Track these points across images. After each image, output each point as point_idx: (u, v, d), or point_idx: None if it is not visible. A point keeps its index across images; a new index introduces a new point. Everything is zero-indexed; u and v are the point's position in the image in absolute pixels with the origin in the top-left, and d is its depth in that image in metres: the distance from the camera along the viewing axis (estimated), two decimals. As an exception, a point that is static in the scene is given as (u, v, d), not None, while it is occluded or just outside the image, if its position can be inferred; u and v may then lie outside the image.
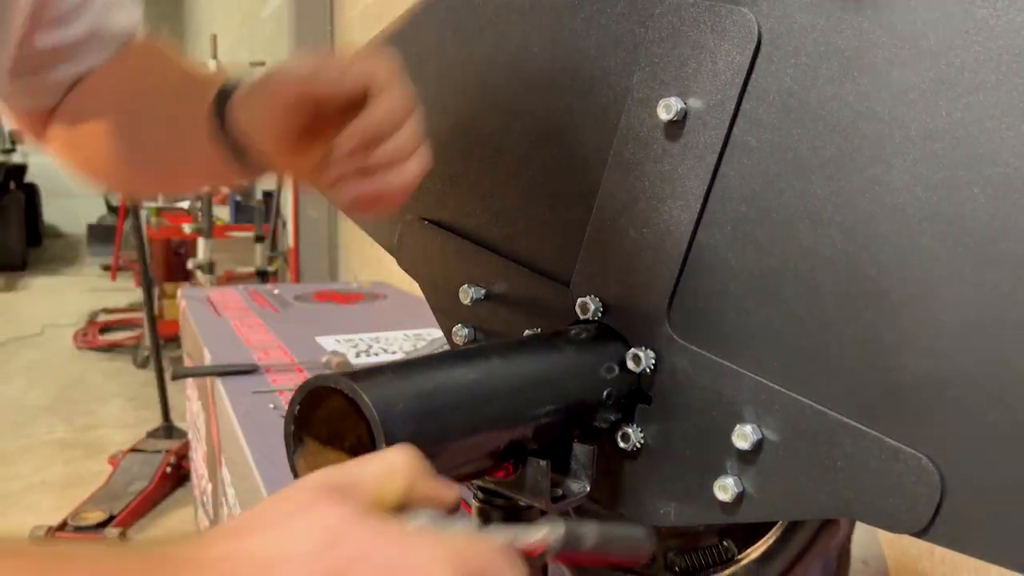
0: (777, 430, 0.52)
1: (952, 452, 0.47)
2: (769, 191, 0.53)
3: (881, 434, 0.49)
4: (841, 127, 0.50)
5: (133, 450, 3.07)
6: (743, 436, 0.52)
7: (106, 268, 7.18)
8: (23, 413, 3.90)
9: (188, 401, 2.50)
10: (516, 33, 0.64)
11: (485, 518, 0.60)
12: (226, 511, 1.70)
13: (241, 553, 0.34)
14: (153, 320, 3.18)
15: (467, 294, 0.66)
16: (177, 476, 2.96)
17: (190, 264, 3.82)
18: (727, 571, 0.57)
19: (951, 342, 0.47)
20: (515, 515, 0.59)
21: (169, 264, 4.74)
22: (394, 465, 0.39)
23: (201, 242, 3.81)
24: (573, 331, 0.59)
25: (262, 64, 3.41)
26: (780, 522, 0.56)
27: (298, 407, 0.45)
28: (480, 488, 0.59)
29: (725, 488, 0.53)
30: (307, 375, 1.68)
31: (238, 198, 4.40)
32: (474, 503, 0.61)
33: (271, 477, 1.36)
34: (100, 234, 8.03)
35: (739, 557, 0.57)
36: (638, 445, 0.57)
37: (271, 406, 1.62)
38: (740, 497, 0.53)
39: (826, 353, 0.51)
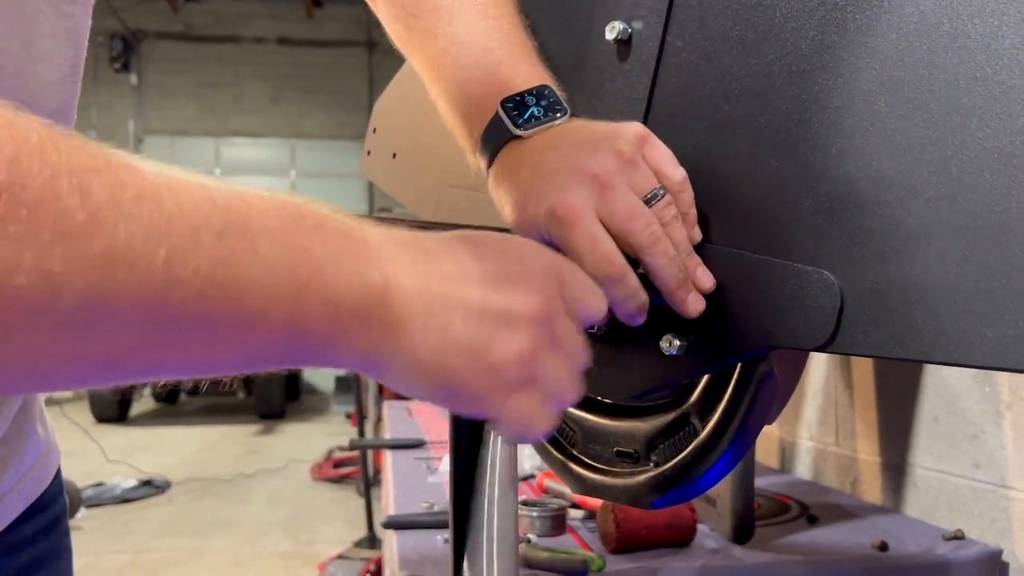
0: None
1: (845, 264, 0.49)
2: (694, 79, 0.60)
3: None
4: (742, 14, 0.57)
5: (339, 557, 3.27)
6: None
7: (348, 415, 7.86)
8: (259, 529, 4.30)
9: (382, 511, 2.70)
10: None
11: None
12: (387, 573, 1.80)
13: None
14: (363, 434, 3.46)
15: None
16: (376, 583, 3.11)
17: (403, 390, 4.16)
18: (695, 442, 0.59)
19: (839, 167, 0.50)
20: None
21: (398, 396, 5.14)
22: None
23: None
24: None
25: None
26: (728, 391, 0.58)
27: None
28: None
29: (671, 342, 0.57)
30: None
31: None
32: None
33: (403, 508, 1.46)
34: (345, 384, 8.84)
35: (700, 429, 0.59)
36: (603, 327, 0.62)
37: (424, 467, 1.74)
38: (684, 349, 0.57)
39: (746, 203, 0.55)
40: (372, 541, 3.39)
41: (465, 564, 0.58)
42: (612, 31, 0.64)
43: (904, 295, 0.47)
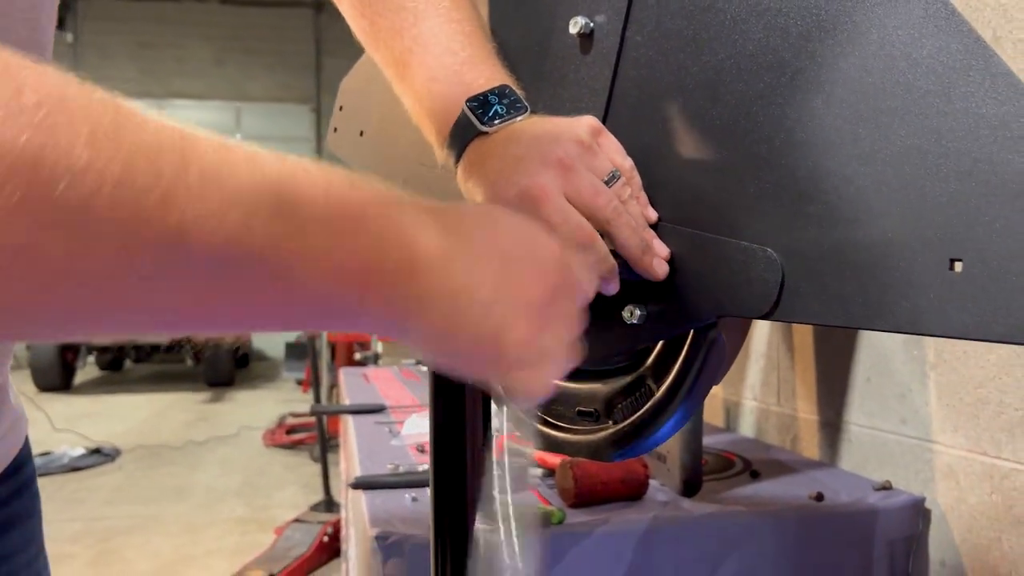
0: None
1: (786, 243, 0.56)
2: (652, 73, 0.65)
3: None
4: (696, 15, 0.62)
5: (296, 520, 3.32)
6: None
7: (299, 382, 7.85)
8: (212, 495, 4.32)
9: (341, 475, 2.74)
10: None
11: None
12: (351, 533, 1.86)
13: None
14: (319, 400, 3.50)
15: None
16: (333, 546, 3.17)
17: (358, 355, 4.19)
18: (651, 402, 0.66)
19: (781, 157, 0.57)
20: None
21: (352, 363, 5.18)
22: None
23: (373, 338, 4.19)
24: None
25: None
26: (681, 355, 0.64)
27: None
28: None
29: (632, 312, 0.63)
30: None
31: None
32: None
33: (367, 469, 1.51)
34: (296, 351, 8.81)
35: (655, 390, 0.66)
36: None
37: (387, 431, 1.80)
38: (644, 318, 0.63)
39: (699, 187, 0.61)
40: (329, 505, 3.45)
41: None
42: (575, 25, 0.69)
43: (837, 271, 0.53)
